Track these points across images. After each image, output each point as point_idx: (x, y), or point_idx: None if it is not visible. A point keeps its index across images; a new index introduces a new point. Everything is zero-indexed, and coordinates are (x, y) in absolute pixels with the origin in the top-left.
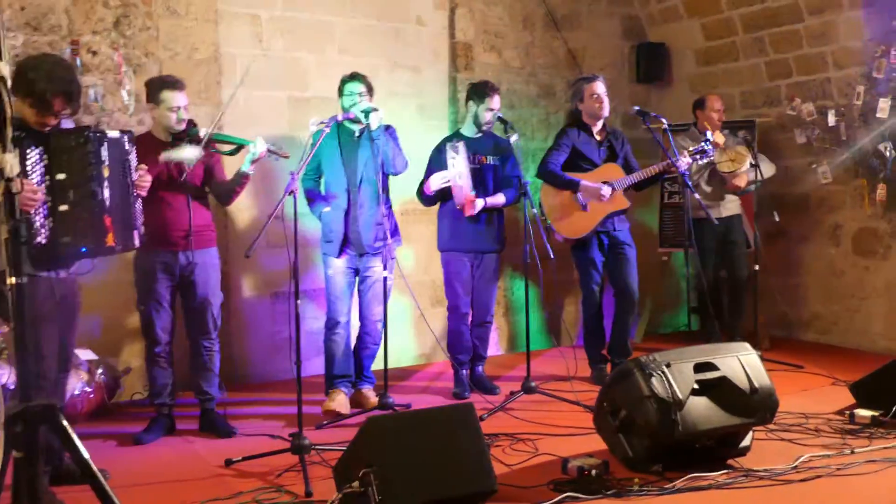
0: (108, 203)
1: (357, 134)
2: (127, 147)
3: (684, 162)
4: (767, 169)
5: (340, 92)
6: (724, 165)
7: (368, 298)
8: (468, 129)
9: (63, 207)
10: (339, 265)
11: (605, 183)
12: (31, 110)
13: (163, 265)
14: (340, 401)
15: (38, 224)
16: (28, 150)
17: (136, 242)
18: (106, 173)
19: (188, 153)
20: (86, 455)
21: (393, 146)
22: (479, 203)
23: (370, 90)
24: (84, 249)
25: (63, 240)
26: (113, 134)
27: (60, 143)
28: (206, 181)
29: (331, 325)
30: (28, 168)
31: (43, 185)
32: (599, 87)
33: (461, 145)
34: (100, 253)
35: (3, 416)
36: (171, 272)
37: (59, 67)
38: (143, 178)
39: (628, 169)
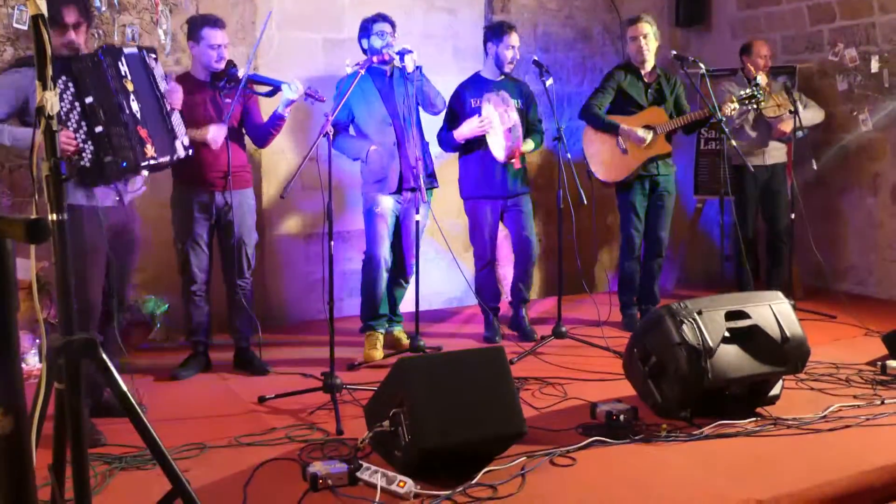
0: (139, 115)
1: (389, 74)
2: (148, 62)
3: (729, 108)
4: (816, 115)
5: (366, 32)
6: (770, 110)
7: (408, 239)
8: (489, 72)
9: (98, 129)
10: (388, 205)
11: (646, 127)
12: (55, 34)
13: (200, 205)
14: (380, 346)
15: (82, 149)
16: (56, 80)
17: (181, 152)
18: (130, 87)
19: (213, 132)
20: (125, 389)
21: (430, 85)
22: (521, 148)
23: (394, 28)
24: (124, 164)
25: (106, 159)
26: (130, 50)
27: (80, 66)
28: (243, 122)
29: (375, 263)
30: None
31: (74, 112)
32: (640, 28)
33: (507, 95)
34: (143, 165)
35: (45, 349)
36: (209, 212)
37: None
38: (173, 92)
39: (679, 112)
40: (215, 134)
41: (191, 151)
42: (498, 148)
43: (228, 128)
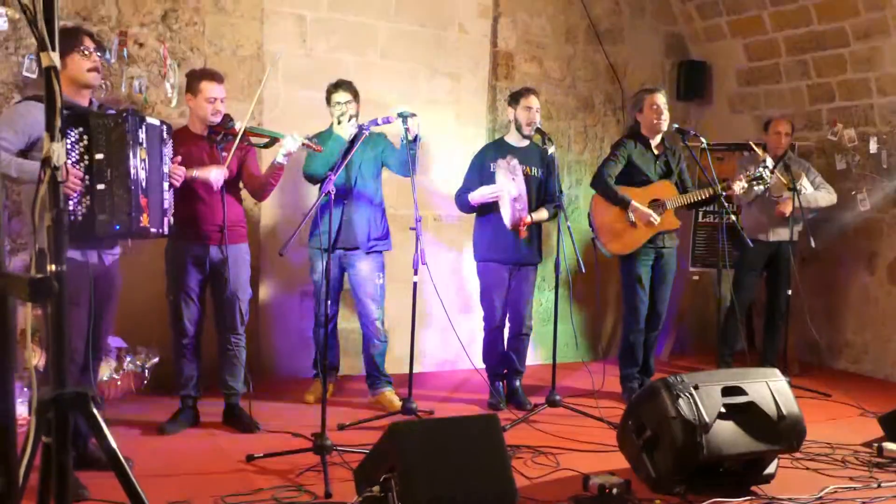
0: (144, 184)
1: (349, 137)
2: (164, 136)
3: (738, 186)
4: (826, 197)
5: (327, 98)
6: (776, 189)
7: (362, 298)
8: (513, 137)
9: (100, 186)
10: (321, 268)
11: (654, 201)
12: (81, 58)
13: (193, 258)
14: (318, 394)
15: (74, 202)
16: (68, 131)
17: (166, 230)
18: (143, 156)
19: (215, 173)
20: (113, 444)
21: (400, 151)
22: (527, 219)
23: (356, 96)
24: (117, 227)
25: (99, 217)
26: (152, 120)
27: (100, 123)
28: (240, 175)
29: (316, 322)
30: (67, 147)
31: (81, 164)
32: (660, 99)
33: (516, 163)
34: (134, 232)
35: (35, 401)
36: (202, 265)
37: None
38: (176, 170)
39: (682, 186)
40: (217, 175)
41: (173, 228)
42: (506, 214)
43: (226, 181)
